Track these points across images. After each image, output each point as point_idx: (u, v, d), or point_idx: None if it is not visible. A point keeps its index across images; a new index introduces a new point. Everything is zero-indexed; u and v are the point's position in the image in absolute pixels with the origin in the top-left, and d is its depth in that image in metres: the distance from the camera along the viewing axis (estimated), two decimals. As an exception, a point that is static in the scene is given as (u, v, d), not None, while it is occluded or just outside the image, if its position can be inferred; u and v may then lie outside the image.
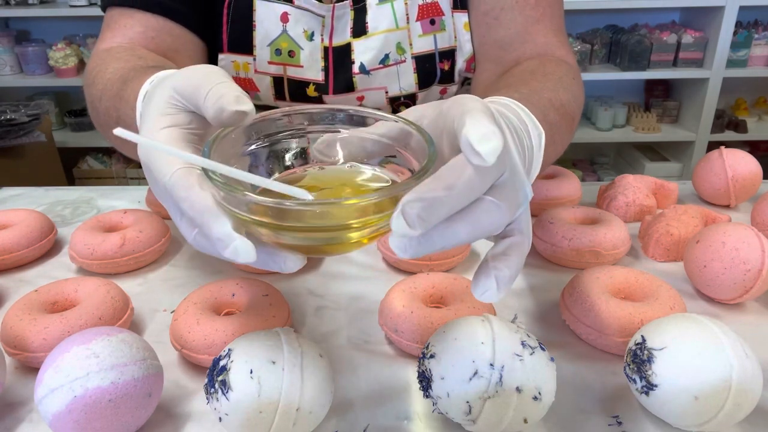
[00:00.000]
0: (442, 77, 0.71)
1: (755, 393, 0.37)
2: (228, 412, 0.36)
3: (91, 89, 0.58)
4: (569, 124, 0.56)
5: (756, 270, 0.50)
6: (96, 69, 0.58)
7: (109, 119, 0.54)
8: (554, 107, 0.52)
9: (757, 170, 0.71)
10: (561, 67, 0.63)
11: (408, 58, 0.69)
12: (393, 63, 0.69)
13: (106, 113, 0.54)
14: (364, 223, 0.30)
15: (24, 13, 2.27)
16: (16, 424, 0.42)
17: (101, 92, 0.55)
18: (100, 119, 0.57)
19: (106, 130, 0.56)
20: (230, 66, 0.69)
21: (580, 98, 0.62)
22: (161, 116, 0.35)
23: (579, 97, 0.61)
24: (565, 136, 0.55)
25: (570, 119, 0.56)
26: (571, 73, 0.62)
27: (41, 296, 0.50)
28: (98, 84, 0.56)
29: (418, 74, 0.70)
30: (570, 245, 0.59)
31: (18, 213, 0.66)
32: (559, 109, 0.53)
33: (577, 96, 0.60)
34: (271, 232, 0.30)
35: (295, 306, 0.55)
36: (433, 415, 0.42)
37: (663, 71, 2.28)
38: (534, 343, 0.38)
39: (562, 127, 0.53)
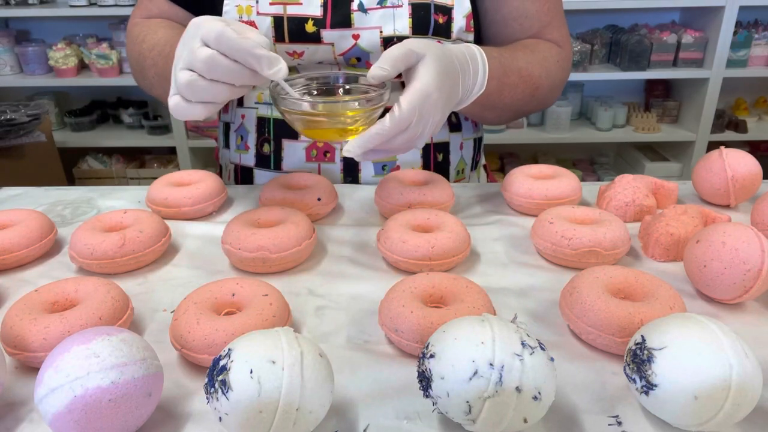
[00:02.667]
0: (436, 29, 0.75)
1: (755, 393, 0.37)
2: (228, 411, 0.36)
3: (141, 46, 0.76)
4: (528, 87, 0.75)
5: (756, 270, 0.50)
6: (144, 31, 0.77)
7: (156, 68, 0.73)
8: (519, 72, 0.73)
9: (757, 170, 0.71)
10: (551, 50, 0.80)
11: (405, 3, 0.74)
12: (390, 5, 0.74)
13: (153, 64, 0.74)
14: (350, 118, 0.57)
15: (24, 13, 2.26)
16: (16, 424, 0.42)
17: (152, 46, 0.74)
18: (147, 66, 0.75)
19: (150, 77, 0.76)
20: (234, 10, 0.75)
21: (555, 76, 0.80)
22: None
23: (553, 75, 0.79)
24: (518, 93, 0.74)
25: (532, 85, 0.76)
26: (556, 56, 0.80)
27: (41, 296, 0.50)
28: (148, 41, 0.75)
29: (413, 20, 0.74)
30: (570, 245, 0.59)
31: (18, 213, 0.66)
32: (524, 75, 0.74)
33: (552, 73, 0.79)
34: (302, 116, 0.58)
35: (295, 306, 0.55)
36: (433, 415, 0.42)
37: (663, 71, 2.28)
38: (534, 343, 0.38)
39: (518, 86, 0.73)
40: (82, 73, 2.40)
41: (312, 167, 0.82)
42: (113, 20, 2.38)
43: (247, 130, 0.84)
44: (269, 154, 0.83)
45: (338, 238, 0.68)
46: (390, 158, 0.82)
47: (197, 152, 2.49)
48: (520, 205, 0.73)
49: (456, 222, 0.62)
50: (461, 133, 0.87)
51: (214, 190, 0.74)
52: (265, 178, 0.84)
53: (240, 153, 0.86)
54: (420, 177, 0.74)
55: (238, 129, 0.86)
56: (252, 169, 0.85)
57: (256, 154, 0.84)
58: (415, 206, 0.69)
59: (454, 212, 0.74)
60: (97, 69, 2.34)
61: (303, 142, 0.81)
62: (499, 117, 0.81)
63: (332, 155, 0.82)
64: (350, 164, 0.82)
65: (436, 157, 0.85)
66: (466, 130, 0.88)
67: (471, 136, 0.90)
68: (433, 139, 0.84)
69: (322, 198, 0.71)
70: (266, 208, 0.66)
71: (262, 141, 0.83)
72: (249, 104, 0.84)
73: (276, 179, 0.75)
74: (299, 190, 0.72)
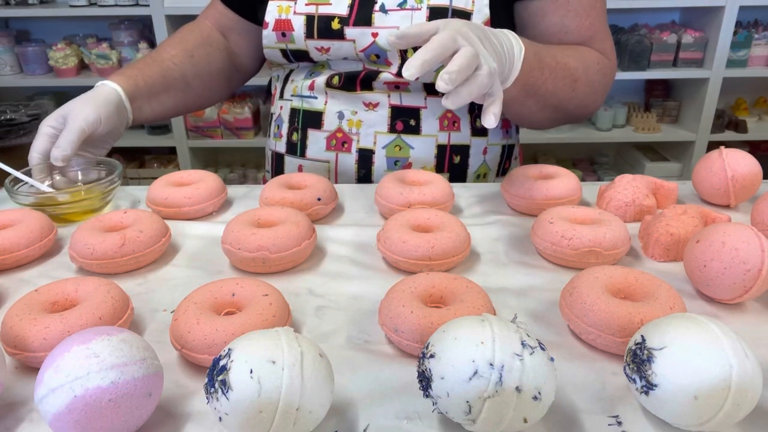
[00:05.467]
0: None
1: (755, 393, 0.37)
2: (228, 411, 0.36)
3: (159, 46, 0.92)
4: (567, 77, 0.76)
5: (756, 270, 0.50)
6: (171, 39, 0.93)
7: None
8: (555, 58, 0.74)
9: (757, 170, 0.71)
10: (591, 54, 0.81)
11: (424, 7, 0.79)
12: (409, 8, 0.79)
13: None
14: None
15: (24, 13, 2.26)
16: (16, 424, 0.42)
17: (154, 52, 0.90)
18: None
19: None
20: (275, 10, 0.83)
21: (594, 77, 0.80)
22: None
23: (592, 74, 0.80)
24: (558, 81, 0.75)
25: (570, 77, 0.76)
26: (596, 60, 0.81)
27: (41, 296, 0.50)
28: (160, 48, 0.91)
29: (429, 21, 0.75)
30: (570, 245, 0.59)
31: (18, 213, 0.66)
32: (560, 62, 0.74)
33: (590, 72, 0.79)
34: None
35: (295, 306, 0.55)
36: (433, 415, 0.42)
37: (663, 71, 2.28)
38: (534, 343, 0.38)
39: (557, 72, 0.74)
40: (82, 73, 2.40)
41: (330, 156, 0.87)
42: (113, 20, 2.38)
43: (283, 119, 0.92)
44: (297, 142, 0.89)
45: (338, 238, 0.68)
46: (403, 154, 0.85)
47: (197, 152, 2.49)
48: (520, 205, 0.73)
49: (456, 222, 0.62)
50: (487, 138, 0.88)
51: (214, 190, 0.74)
52: (293, 164, 0.91)
53: (276, 141, 0.94)
54: (420, 177, 0.74)
55: (276, 119, 0.94)
56: (283, 156, 0.92)
57: (287, 141, 0.91)
58: (415, 206, 0.69)
59: (454, 212, 0.74)
60: (97, 69, 2.34)
61: (325, 132, 0.87)
62: (543, 110, 0.79)
63: (349, 146, 0.86)
64: (364, 156, 0.86)
65: (452, 158, 0.86)
66: (492, 135, 0.89)
67: (498, 142, 0.91)
68: (450, 140, 0.86)
69: (322, 198, 0.71)
70: (266, 208, 0.66)
71: (292, 130, 0.90)
72: (287, 96, 0.91)
73: (276, 179, 0.75)
74: (299, 190, 0.72)
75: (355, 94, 0.84)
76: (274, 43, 0.85)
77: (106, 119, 0.75)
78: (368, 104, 0.84)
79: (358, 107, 0.85)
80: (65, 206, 0.71)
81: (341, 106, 0.85)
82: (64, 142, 0.70)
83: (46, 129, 0.73)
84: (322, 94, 0.86)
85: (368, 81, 0.83)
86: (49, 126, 0.73)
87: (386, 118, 0.84)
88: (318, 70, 0.87)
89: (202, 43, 0.92)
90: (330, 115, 0.86)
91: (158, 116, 0.89)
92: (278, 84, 0.94)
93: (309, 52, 0.84)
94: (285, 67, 0.91)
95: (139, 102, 0.82)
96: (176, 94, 0.89)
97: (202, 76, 0.92)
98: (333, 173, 0.88)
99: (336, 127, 0.86)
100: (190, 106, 0.95)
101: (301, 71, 0.89)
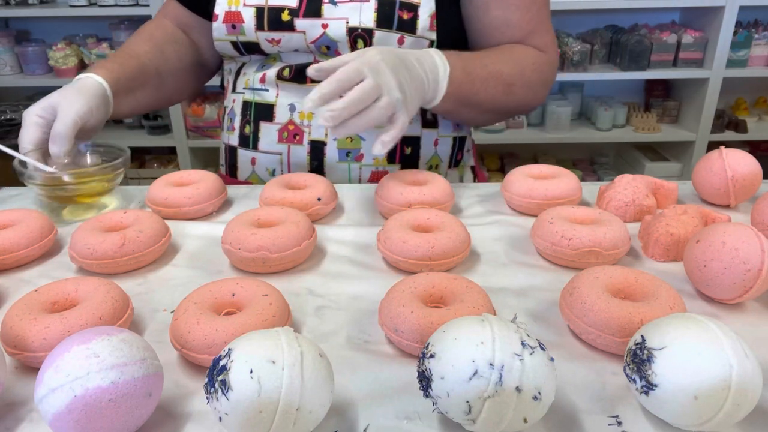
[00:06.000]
0: (400, 24, 0.79)
1: (755, 393, 0.37)
2: (228, 411, 0.36)
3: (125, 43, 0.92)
4: (501, 84, 0.80)
5: (756, 270, 0.50)
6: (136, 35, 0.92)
7: None
8: (486, 68, 0.78)
9: (757, 170, 0.71)
10: (527, 54, 0.84)
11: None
12: (358, 0, 0.79)
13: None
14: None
15: (24, 13, 2.26)
16: (16, 424, 0.42)
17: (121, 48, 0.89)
18: None
19: None
20: (225, 2, 0.83)
21: (530, 77, 0.83)
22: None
23: (528, 75, 0.83)
24: (491, 89, 0.79)
25: (503, 83, 0.80)
26: (533, 60, 0.83)
27: (41, 296, 0.50)
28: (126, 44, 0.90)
29: (378, 14, 0.79)
30: (570, 245, 0.59)
31: (18, 213, 0.66)
32: (492, 70, 0.79)
33: (526, 74, 0.82)
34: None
35: (295, 306, 0.55)
36: (433, 415, 0.42)
37: (663, 71, 2.29)
38: (534, 343, 0.38)
39: (489, 81, 0.79)
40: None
41: (282, 148, 0.87)
42: (113, 20, 2.38)
43: (235, 112, 0.91)
44: (249, 135, 0.90)
45: (338, 238, 0.68)
46: (354, 145, 0.86)
47: (197, 152, 2.49)
48: (520, 205, 0.73)
49: (456, 222, 0.62)
50: (437, 129, 0.90)
51: (214, 190, 0.74)
52: (246, 156, 0.91)
53: (228, 134, 0.93)
54: (420, 177, 0.74)
55: (229, 112, 0.94)
56: (236, 149, 0.92)
57: (239, 134, 0.91)
58: (415, 206, 0.69)
59: (454, 212, 0.74)
60: (97, 69, 2.33)
61: (277, 125, 0.87)
62: (482, 114, 0.85)
63: (301, 138, 0.86)
64: (316, 148, 0.86)
65: (403, 149, 0.88)
66: (443, 128, 0.90)
67: (449, 134, 0.92)
68: None
69: (322, 198, 0.71)
70: (266, 208, 0.66)
71: (245, 123, 0.90)
72: (239, 90, 0.91)
73: (276, 179, 0.75)
74: (299, 190, 0.72)
75: (306, 86, 0.84)
76: (225, 36, 0.84)
77: (96, 112, 0.75)
78: None
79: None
80: (72, 188, 0.72)
81: (292, 99, 0.85)
82: (60, 137, 0.70)
83: (34, 119, 0.72)
84: (273, 87, 0.86)
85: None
86: (36, 115, 0.72)
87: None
88: (269, 63, 0.87)
89: (170, 40, 0.93)
90: (281, 108, 0.86)
91: (134, 111, 0.89)
92: (230, 77, 0.94)
93: (260, 43, 0.84)
94: (237, 60, 0.91)
95: (120, 96, 0.81)
96: (151, 90, 0.89)
97: (174, 72, 0.93)
98: (286, 165, 0.88)
99: (288, 119, 0.86)
100: (162, 102, 0.96)
101: (252, 64, 0.89)
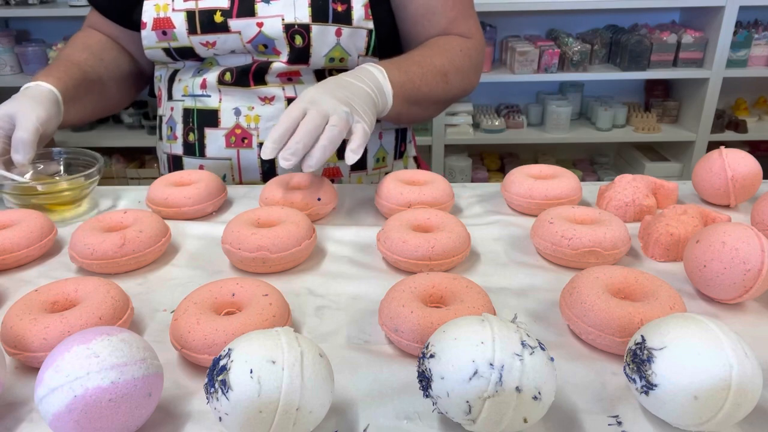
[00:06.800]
0: (335, 17, 0.80)
1: (755, 393, 0.37)
2: (228, 411, 0.36)
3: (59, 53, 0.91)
4: (437, 75, 0.83)
5: (756, 270, 0.50)
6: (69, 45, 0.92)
7: None
8: (419, 64, 0.81)
9: (757, 170, 0.71)
10: (452, 43, 0.86)
11: None
12: None
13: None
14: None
15: (24, 13, 2.26)
16: (16, 424, 0.42)
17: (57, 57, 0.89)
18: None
19: None
20: (152, 9, 0.82)
21: (461, 63, 0.86)
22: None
23: (458, 62, 0.85)
24: (430, 82, 0.82)
25: (439, 73, 0.83)
26: (459, 47, 0.86)
27: (41, 296, 0.50)
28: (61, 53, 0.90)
29: (312, 8, 0.80)
30: (570, 245, 0.59)
31: (18, 213, 0.66)
32: (426, 64, 0.81)
33: (456, 60, 0.85)
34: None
35: (295, 306, 0.55)
36: (433, 415, 0.42)
37: (663, 71, 2.28)
38: (534, 343, 0.38)
39: (426, 75, 0.81)
40: (82, 73, 2.39)
41: (231, 153, 0.87)
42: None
43: (175, 121, 0.90)
44: (194, 143, 0.88)
45: (338, 238, 0.68)
46: None
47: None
48: (520, 205, 0.73)
49: (456, 222, 0.62)
50: (380, 123, 0.92)
51: (214, 190, 0.74)
52: (193, 165, 0.90)
53: (170, 143, 0.92)
54: (420, 177, 0.74)
55: (168, 121, 0.92)
56: (181, 158, 0.91)
57: (183, 143, 0.90)
58: (415, 206, 0.69)
59: (454, 212, 0.74)
60: (97, 69, 2.34)
61: (223, 130, 0.86)
62: (426, 109, 0.87)
63: (249, 141, 0.86)
64: None
65: None
66: (385, 121, 0.92)
67: (391, 127, 0.95)
68: None
69: (322, 198, 0.71)
70: (266, 208, 0.66)
71: (188, 131, 0.89)
72: (177, 97, 0.89)
73: (276, 179, 0.75)
74: (299, 190, 0.72)
75: (250, 89, 0.84)
76: (156, 43, 0.83)
77: (54, 119, 0.76)
78: (264, 98, 0.84)
79: (254, 102, 0.84)
80: (44, 197, 0.72)
81: (237, 103, 0.85)
82: (23, 145, 0.70)
83: None
84: (215, 92, 0.85)
85: (261, 75, 0.83)
86: None
87: (283, 111, 0.83)
88: (206, 67, 0.86)
89: (106, 48, 0.92)
90: (226, 113, 0.85)
91: (82, 119, 0.88)
92: (162, 84, 0.92)
93: (194, 48, 0.83)
94: (169, 66, 0.90)
95: (68, 104, 0.81)
96: (96, 97, 0.89)
97: (115, 79, 0.92)
98: (236, 170, 0.88)
99: (234, 123, 0.85)
100: (107, 110, 0.95)
101: (187, 70, 0.88)
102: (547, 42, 2.33)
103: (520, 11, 2.44)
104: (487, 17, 2.43)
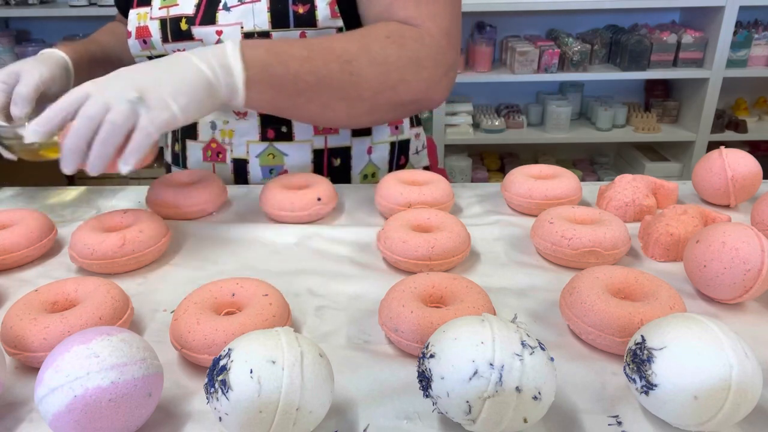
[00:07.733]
0: (297, 21, 0.75)
1: (755, 393, 0.37)
2: (228, 411, 0.36)
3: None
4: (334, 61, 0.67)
5: (756, 270, 0.50)
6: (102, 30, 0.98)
7: None
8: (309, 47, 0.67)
9: (757, 170, 0.71)
10: (381, 27, 0.71)
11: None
12: (249, 1, 0.75)
13: None
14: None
15: (24, 13, 2.27)
16: (16, 424, 0.42)
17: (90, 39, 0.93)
18: None
19: None
20: (135, 18, 0.82)
21: (382, 52, 0.69)
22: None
23: (376, 49, 0.69)
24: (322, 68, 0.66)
25: (338, 59, 0.67)
26: (385, 33, 0.70)
27: (41, 296, 0.50)
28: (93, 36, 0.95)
29: (271, 14, 0.74)
30: (570, 245, 0.59)
31: (18, 213, 0.66)
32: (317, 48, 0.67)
33: (371, 46, 0.69)
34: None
35: (295, 306, 0.55)
36: (433, 415, 0.42)
37: (663, 71, 2.29)
38: (534, 343, 0.38)
39: (315, 60, 0.66)
40: (82, 73, 2.39)
41: (207, 166, 0.88)
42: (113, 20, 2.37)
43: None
44: (179, 153, 0.90)
45: (338, 238, 0.68)
46: (277, 161, 0.85)
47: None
48: (520, 205, 0.73)
49: (456, 222, 0.62)
50: (370, 137, 0.88)
51: (214, 190, 0.74)
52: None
53: (164, 150, 0.96)
54: (420, 177, 0.74)
55: None
56: (170, 165, 0.95)
57: (171, 151, 0.93)
58: (415, 206, 0.69)
59: (454, 212, 0.74)
60: (97, 69, 2.34)
61: (200, 143, 0.87)
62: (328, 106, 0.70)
63: (224, 156, 0.86)
64: (239, 166, 0.86)
65: (331, 162, 0.86)
66: (378, 134, 0.89)
67: (385, 140, 0.90)
68: (327, 144, 0.86)
69: (322, 198, 0.71)
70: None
71: (174, 140, 0.92)
72: None
73: (276, 179, 0.75)
74: (299, 190, 0.72)
75: None
76: (140, 52, 0.83)
77: (58, 80, 0.77)
78: (238, 113, 0.83)
79: (230, 116, 0.84)
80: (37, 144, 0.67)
81: (213, 116, 0.84)
82: (21, 98, 0.71)
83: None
84: None
85: None
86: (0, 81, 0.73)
87: (257, 127, 0.83)
88: None
89: None
90: (204, 126, 0.85)
91: None
92: None
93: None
94: None
95: (81, 74, 0.82)
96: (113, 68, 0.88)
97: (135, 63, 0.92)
98: None
99: (210, 137, 0.85)
100: None
101: None
102: (547, 42, 2.34)
103: (520, 11, 2.44)
104: (487, 17, 2.43)
